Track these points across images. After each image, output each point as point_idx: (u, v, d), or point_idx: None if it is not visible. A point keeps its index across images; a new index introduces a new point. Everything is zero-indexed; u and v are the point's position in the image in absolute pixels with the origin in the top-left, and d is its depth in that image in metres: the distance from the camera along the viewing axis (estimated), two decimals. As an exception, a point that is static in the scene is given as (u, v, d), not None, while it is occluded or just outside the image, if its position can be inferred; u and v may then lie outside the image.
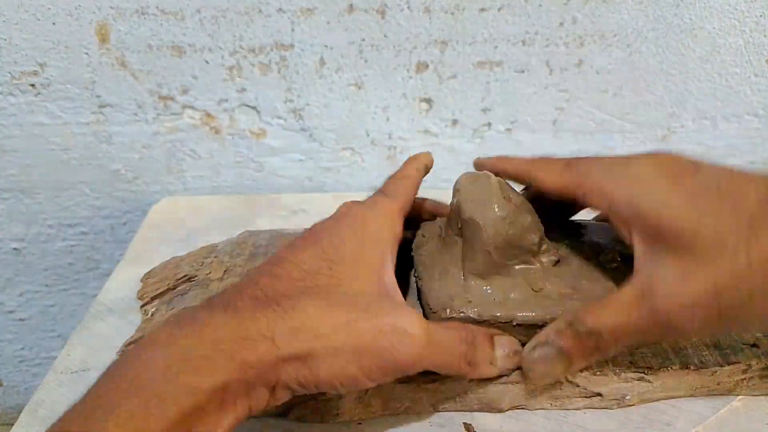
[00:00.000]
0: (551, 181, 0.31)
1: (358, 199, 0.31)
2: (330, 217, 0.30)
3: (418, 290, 0.32)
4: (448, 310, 0.30)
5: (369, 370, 0.25)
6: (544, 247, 0.32)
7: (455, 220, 0.32)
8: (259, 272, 0.27)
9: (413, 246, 0.35)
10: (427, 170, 0.36)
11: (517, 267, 0.31)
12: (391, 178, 0.34)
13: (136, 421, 0.20)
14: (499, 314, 0.30)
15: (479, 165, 0.35)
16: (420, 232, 0.36)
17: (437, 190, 0.38)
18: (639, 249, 0.26)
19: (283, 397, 0.25)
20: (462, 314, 0.29)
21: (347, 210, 0.30)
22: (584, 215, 0.36)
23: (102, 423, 0.20)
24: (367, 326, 0.25)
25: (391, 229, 0.30)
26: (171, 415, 0.20)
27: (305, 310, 0.24)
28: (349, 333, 0.24)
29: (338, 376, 0.24)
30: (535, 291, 0.31)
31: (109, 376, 0.22)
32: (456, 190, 0.33)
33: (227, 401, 0.22)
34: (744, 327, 0.27)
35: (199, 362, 0.22)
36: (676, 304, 0.24)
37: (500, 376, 0.30)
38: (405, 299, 0.30)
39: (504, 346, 0.29)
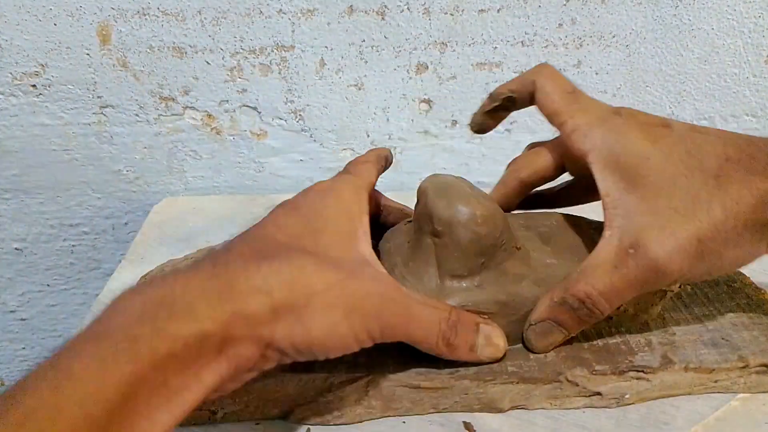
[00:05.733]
0: (550, 100, 0.33)
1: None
2: (301, 193, 0.31)
3: None
4: None
5: (357, 330, 0.25)
6: (511, 244, 0.32)
7: (426, 223, 0.32)
8: (242, 237, 0.27)
9: (380, 252, 0.34)
10: (386, 163, 0.36)
11: (489, 265, 0.31)
12: (352, 162, 0.34)
13: (104, 362, 0.19)
14: (473, 301, 0.30)
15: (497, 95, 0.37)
16: (384, 241, 0.35)
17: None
18: (614, 195, 0.29)
19: (272, 359, 0.24)
20: None
21: (318, 185, 0.31)
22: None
23: (67, 367, 0.19)
24: (357, 287, 0.25)
25: (359, 203, 0.30)
26: (143, 359, 0.20)
27: (300, 266, 0.25)
28: (341, 291, 0.25)
29: (330, 335, 0.25)
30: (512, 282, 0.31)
31: (83, 329, 0.21)
32: (423, 193, 0.32)
33: (205, 354, 0.21)
34: (720, 269, 0.29)
35: (178, 308, 0.21)
36: (665, 252, 0.27)
37: (494, 374, 0.30)
38: None
39: (488, 334, 0.29)
